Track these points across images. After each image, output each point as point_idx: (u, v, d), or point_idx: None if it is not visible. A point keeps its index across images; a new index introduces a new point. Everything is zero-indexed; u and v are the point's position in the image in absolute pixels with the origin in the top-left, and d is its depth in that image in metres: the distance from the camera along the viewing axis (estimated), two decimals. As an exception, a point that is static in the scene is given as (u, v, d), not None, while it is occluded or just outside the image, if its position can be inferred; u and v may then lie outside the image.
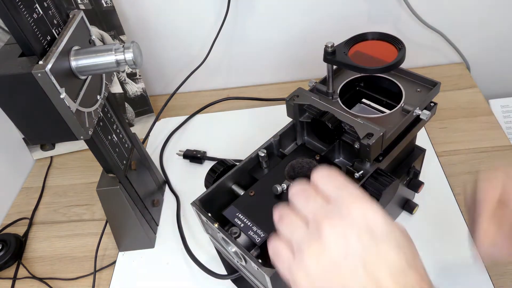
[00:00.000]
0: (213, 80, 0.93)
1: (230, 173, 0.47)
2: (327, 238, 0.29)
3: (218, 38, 0.82)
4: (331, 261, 0.29)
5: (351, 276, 0.28)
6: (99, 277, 0.62)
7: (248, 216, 0.42)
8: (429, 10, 0.80)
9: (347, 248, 0.29)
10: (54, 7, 0.43)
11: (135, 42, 0.45)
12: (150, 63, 0.90)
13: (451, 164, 0.68)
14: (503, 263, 0.55)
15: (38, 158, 0.84)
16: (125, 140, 0.61)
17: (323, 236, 0.29)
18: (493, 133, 0.72)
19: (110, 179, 0.57)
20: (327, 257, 0.29)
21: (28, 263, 0.66)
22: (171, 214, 0.68)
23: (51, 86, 0.39)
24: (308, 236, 0.30)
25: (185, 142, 0.81)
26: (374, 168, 0.45)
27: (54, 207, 0.75)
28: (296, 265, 0.30)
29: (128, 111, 0.84)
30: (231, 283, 0.57)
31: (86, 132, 0.45)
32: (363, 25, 0.84)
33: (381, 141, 0.44)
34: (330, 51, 0.49)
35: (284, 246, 0.32)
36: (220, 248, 0.47)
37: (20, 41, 0.39)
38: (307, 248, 0.30)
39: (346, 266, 0.28)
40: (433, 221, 0.60)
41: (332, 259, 0.29)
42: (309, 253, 0.30)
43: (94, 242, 0.65)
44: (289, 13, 0.83)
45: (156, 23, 0.84)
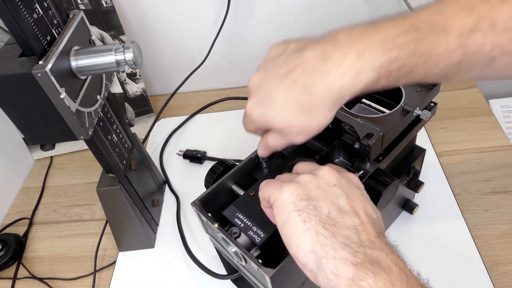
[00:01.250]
0: (213, 80, 0.93)
1: (230, 173, 0.47)
2: (320, 171, 0.35)
3: (218, 38, 0.82)
4: (319, 186, 0.34)
5: (335, 199, 0.33)
6: (99, 277, 0.62)
7: (248, 216, 0.42)
8: (429, 10, 0.80)
9: (337, 180, 0.34)
10: (54, 7, 0.43)
11: (135, 42, 0.45)
12: (150, 63, 0.90)
13: (451, 164, 0.68)
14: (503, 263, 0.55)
15: (38, 158, 0.84)
16: (125, 140, 0.61)
17: (317, 171, 0.35)
18: (493, 133, 0.72)
19: (110, 179, 0.57)
20: (315, 183, 0.34)
21: (28, 263, 0.66)
22: (171, 214, 0.68)
23: (51, 86, 0.39)
24: (306, 168, 0.37)
25: (185, 142, 0.81)
26: (374, 168, 0.45)
27: (54, 207, 0.75)
28: (287, 183, 0.34)
29: (128, 111, 0.84)
30: (231, 283, 0.57)
31: (86, 132, 0.45)
32: (363, 25, 0.84)
33: (381, 141, 0.44)
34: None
35: (275, 181, 0.36)
36: (220, 248, 0.47)
37: (20, 41, 0.39)
38: (301, 173, 0.35)
39: (332, 192, 0.34)
40: (433, 221, 0.60)
41: (320, 185, 0.34)
42: (302, 176, 0.35)
43: (94, 242, 0.65)
44: (289, 13, 0.83)
45: (156, 23, 0.84)
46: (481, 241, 0.57)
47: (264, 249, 0.41)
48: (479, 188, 0.64)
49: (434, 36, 0.31)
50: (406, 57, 0.32)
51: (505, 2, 0.30)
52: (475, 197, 0.63)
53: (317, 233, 0.31)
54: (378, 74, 0.32)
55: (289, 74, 0.35)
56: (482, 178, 0.66)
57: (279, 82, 0.35)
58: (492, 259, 0.55)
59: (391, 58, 0.32)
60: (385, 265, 0.29)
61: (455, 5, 0.31)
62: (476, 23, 0.30)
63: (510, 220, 0.59)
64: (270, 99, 0.36)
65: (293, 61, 0.35)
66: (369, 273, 0.28)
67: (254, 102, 0.37)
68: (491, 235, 0.58)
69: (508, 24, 0.30)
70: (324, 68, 0.33)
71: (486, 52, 0.31)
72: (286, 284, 0.41)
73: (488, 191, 0.64)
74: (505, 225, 0.59)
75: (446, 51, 0.31)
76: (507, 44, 0.30)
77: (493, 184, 0.64)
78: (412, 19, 0.32)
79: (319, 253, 0.30)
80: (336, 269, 0.29)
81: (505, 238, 0.58)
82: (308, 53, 0.34)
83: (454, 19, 0.31)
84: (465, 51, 0.31)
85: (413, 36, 0.32)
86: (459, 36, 0.31)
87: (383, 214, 0.37)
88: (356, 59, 0.32)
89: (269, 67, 0.38)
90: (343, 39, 0.33)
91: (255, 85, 0.38)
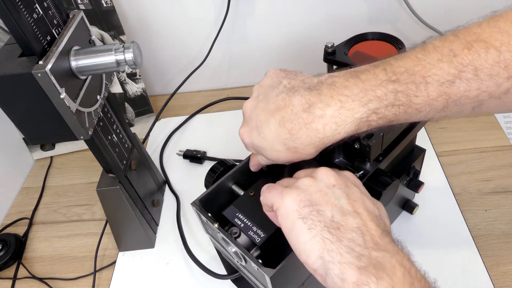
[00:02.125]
0: (213, 80, 0.93)
1: (230, 173, 0.47)
2: (318, 173, 0.36)
3: (218, 38, 0.82)
4: (320, 189, 0.34)
5: (336, 201, 0.34)
6: (99, 277, 0.62)
7: (248, 216, 0.42)
8: (429, 10, 0.80)
9: (336, 181, 0.35)
10: (54, 7, 0.43)
11: (135, 42, 0.45)
12: (150, 63, 0.90)
13: (451, 164, 0.68)
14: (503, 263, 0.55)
15: (38, 158, 0.84)
16: (125, 140, 0.61)
17: (315, 173, 0.36)
18: (493, 133, 0.72)
19: (110, 179, 0.57)
20: (315, 186, 0.35)
21: (28, 263, 0.66)
22: (171, 214, 0.68)
23: (51, 86, 0.39)
24: (303, 172, 0.38)
25: (185, 142, 0.81)
26: (374, 168, 0.45)
27: (54, 207, 0.75)
28: (288, 190, 0.35)
29: (128, 111, 0.84)
30: (231, 283, 0.57)
31: (86, 132, 0.45)
32: (363, 25, 0.84)
33: (381, 141, 0.44)
34: (330, 51, 0.49)
35: (276, 187, 0.37)
36: (220, 248, 0.47)
37: (20, 41, 0.39)
38: (301, 179, 0.36)
39: (333, 194, 0.34)
40: (433, 221, 0.60)
41: (320, 188, 0.35)
42: (302, 181, 0.35)
43: (94, 242, 0.65)
44: (289, 13, 0.83)
45: (156, 23, 0.84)
46: (481, 241, 0.57)
47: (264, 249, 0.41)
48: (479, 188, 0.64)
49: (413, 86, 0.32)
50: (385, 108, 0.33)
51: (489, 48, 0.30)
52: (475, 197, 0.63)
53: (323, 239, 0.31)
54: (358, 125, 0.34)
55: (276, 113, 0.37)
56: (482, 178, 0.66)
57: (268, 119, 0.37)
58: (492, 259, 0.55)
59: (370, 110, 0.33)
60: (389, 267, 0.29)
61: (438, 52, 0.32)
62: (459, 72, 0.30)
63: (510, 220, 0.59)
64: (259, 133, 0.38)
65: (282, 101, 0.37)
66: (372, 277, 0.28)
67: (245, 129, 0.40)
68: (491, 235, 0.58)
69: (492, 71, 0.30)
70: (308, 118, 0.35)
71: (472, 97, 0.31)
72: (286, 284, 0.41)
73: (488, 191, 0.64)
74: (505, 225, 0.59)
75: (427, 100, 0.32)
76: (494, 89, 0.30)
77: (493, 184, 0.64)
78: (393, 69, 0.33)
79: (326, 259, 0.31)
80: (342, 274, 0.30)
81: (505, 238, 0.58)
82: (296, 99, 0.36)
83: (435, 68, 0.31)
84: (449, 98, 0.31)
85: (391, 87, 0.32)
86: (440, 85, 0.31)
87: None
88: (336, 111, 0.34)
89: (260, 98, 0.40)
90: (326, 90, 0.35)
91: (247, 112, 0.41)
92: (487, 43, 0.30)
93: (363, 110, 0.33)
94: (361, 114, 0.33)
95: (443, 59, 0.31)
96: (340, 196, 0.34)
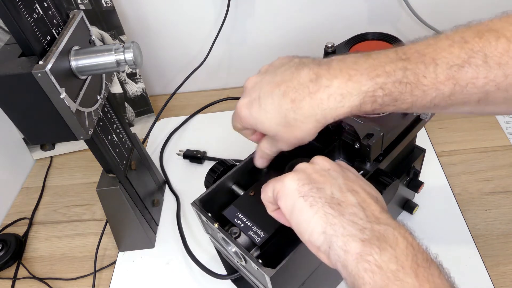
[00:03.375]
0: (213, 80, 0.93)
1: (230, 173, 0.47)
2: (314, 159, 0.37)
3: (218, 38, 0.82)
4: (317, 171, 0.35)
5: (333, 180, 0.34)
6: (99, 277, 0.62)
7: (248, 216, 0.42)
8: (429, 10, 0.80)
9: (330, 165, 0.36)
10: (54, 7, 0.43)
11: (135, 42, 0.45)
12: (150, 63, 0.90)
13: (451, 164, 0.68)
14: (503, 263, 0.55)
15: (38, 158, 0.84)
16: (125, 140, 0.61)
17: (311, 160, 0.37)
18: (493, 133, 0.72)
19: (110, 179, 0.57)
20: (312, 168, 0.35)
21: (28, 263, 0.66)
22: (171, 214, 0.68)
23: (51, 86, 0.39)
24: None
25: (185, 142, 0.81)
26: (374, 168, 0.45)
27: (54, 207, 0.75)
28: (286, 174, 0.35)
29: (128, 111, 0.84)
30: (231, 283, 0.57)
31: (86, 132, 0.45)
32: (363, 25, 0.84)
33: (381, 141, 0.44)
34: (330, 51, 0.49)
35: (275, 178, 0.37)
36: (220, 248, 0.47)
37: (20, 41, 0.39)
38: (298, 165, 0.36)
39: (329, 174, 0.35)
40: (433, 221, 0.60)
41: (317, 170, 0.35)
42: (299, 165, 0.36)
43: (94, 242, 0.65)
44: (289, 13, 0.83)
45: (156, 23, 0.84)
46: (481, 241, 0.57)
47: (264, 249, 0.41)
48: (479, 188, 0.64)
49: (422, 66, 0.32)
50: (392, 84, 0.33)
51: (500, 37, 0.30)
52: (475, 197, 0.63)
53: (325, 214, 0.32)
54: (363, 99, 0.34)
55: (282, 84, 0.36)
56: (482, 178, 0.66)
57: (272, 90, 0.37)
58: (492, 259, 0.55)
59: (377, 84, 0.33)
60: (392, 239, 0.30)
61: (449, 39, 0.32)
62: (469, 57, 0.31)
63: (510, 220, 0.59)
64: (260, 103, 0.37)
65: (290, 73, 0.37)
66: (376, 249, 0.29)
67: (245, 102, 0.39)
68: (491, 235, 0.58)
69: (501, 59, 0.30)
70: (313, 88, 0.35)
71: (480, 86, 0.31)
72: (286, 284, 0.41)
73: (488, 191, 0.64)
74: (505, 225, 0.59)
75: (434, 82, 0.32)
76: (502, 80, 0.31)
77: (493, 184, 0.65)
78: (404, 50, 0.34)
79: (329, 233, 0.31)
80: (345, 245, 0.30)
81: (505, 238, 0.58)
82: (304, 71, 0.36)
83: (445, 52, 0.32)
84: (456, 83, 0.32)
85: (401, 65, 0.33)
86: (449, 68, 0.31)
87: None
88: (343, 83, 0.34)
89: (268, 73, 0.39)
90: (336, 64, 0.35)
91: (250, 85, 0.40)
92: (498, 33, 0.31)
93: (370, 84, 0.33)
94: (368, 87, 0.33)
95: (454, 44, 0.32)
96: (336, 177, 0.35)
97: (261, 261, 0.38)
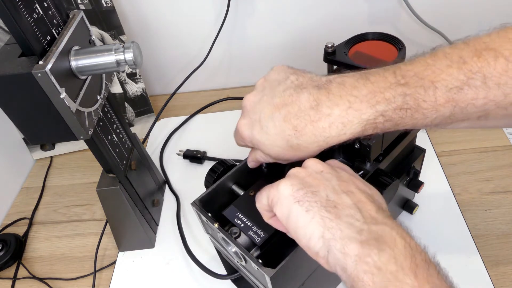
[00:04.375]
0: (213, 80, 0.93)
1: (230, 173, 0.47)
2: (305, 162, 0.37)
3: (218, 38, 0.82)
4: (309, 174, 0.35)
5: (327, 182, 0.34)
6: (99, 277, 0.62)
7: (248, 216, 0.42)
8: (429, 10, 0.80)
9: (323, 167, 0.36)
10: (54, 7, 0.43)
11: (135, 42, 0.45)
12: (150, 63, 0.90)
13: (451, 164, 0.68)
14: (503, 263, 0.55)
15: (38, 158, 0.84)
16: (125, 140, 0.61)
17: (303, 164, 0.37)
18: (493, 133, 0.72)
19: (110, 179, 0.57)
20: (304, 172, 0.35)
21: (28, 263, 0.66)
22: (171, 214, 0.68)
23: (51, 86, 0.39)
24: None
25: (185, 142, 0.81)
26: (374, 168, 0.45)
27: (54, 207, 0.75)
28: (280, 181, 0.35)
29: (128, 111, 0.84)
30: (231, 283, 0.57)
31: (86, 132, 0.45)
32: (363, 25, 0.84)
33: (381, 141, 0.44)
34: (330, 51, 0.49)
35: (268, 185, 0.36)
36: (220, 248, 0.47)
37: (20, 41, 0.39)
38: (290, 170, 0.36)
39: (322, 176, 0.35)
40: (433, 221, 0.60)
41: (310, 173, 0.35)
42: (291, 170, 0.36)
43: (94, 242, 0.65)
44: (289, 13, 0.83)
45: (156, 23, 0.84)
46: (481, 241, 0.57)
47: (264, 249, 0.41)
48: (479, 188, 0.64)
49: (421, 91, 0.32)
50: (393, 111, 0.33)
51: (498, 57, 0.30)
52: (475, 197, 0.63)
53: (322, 218, 0.31)
54: (364, 126, 0.34)
55: (282, 108, 0.36)
56: (482, 178, 0.66)
57: (272, 113, 0.37)
58: (492, 259, 0.55)
59: (377, 111, 0.33)
60: (390, 239, 0.29)
61: (447, 59, 0.32)
62: (468, 78, 0.31)
63: (510, 220, 0.59)
64: (261, 127, 0.38)
65: (289, 96, 0.37)
66: (374, 250, 0.29)
67: (246, 123, 0.39)
68: (491, 235, 0.58)
69: (500, 80, 0.30)
70: (315, 116, 0.35)
71: (479, 106, 0.31)
72: (286, 284, 0.41)
73: (488, 191, 0.64)
74: (505, 225, 0.59)
75: (434, 105, 0.32)
76: (501, 99, 0.31)
77: (493, 184, 0.64)
78: (402, 72, 0.33)
79: (327, 237, 0.31)
80: (343, 248, 0.30)
81: (505, 238, 0.58)
82: (303, 96, 0.36)
83: (444, 74, 0.31)
84: (456, 105, 0.32)
85: (400, 90, 0.33)
86: (448, 91, 0.31)
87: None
88: (343, 111, 0.34)
89: (266, 92, 0.39)
90: (335, 89, 0.35)
91: (249, 105, 0.40)
92: (496, 52, 0.30)
93: (371, 112, 0.33)
94: (369, 115, 0.33)
95: (452, 65, 0.31)
96: (330, 179, 0.34)
97: (261, 261, 0.38)
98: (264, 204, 0.36)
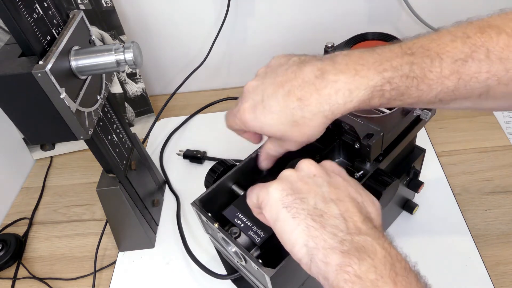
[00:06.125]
0: (213, 80, 0.93)
1: (230, 173, 0.47)
2: (299, 165, 0.36)
3: (218, 38, 0.82)
4: (301, 178, 0.35)
5: (317, 189, 0.34)
6: (99, 277, 0.62)
7: (248, 216, 0.42)
8: (429, 10, 0.80)
9: (316, 170, 0.35)
10: (54, 7, 0.43)
11: (135, 42, 0.45)
12: (150, 63, 0.90)
13: (451, 164, 0.68)
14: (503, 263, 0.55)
15: (38, 158, 0.84)
16: (125, 140, 0.61)
17: (296, 165, 0.36)
18: (493, 133, 0.72)
19: (110, 179, 0.57)
20: (296, 175, 0.35)
21: (28, 263, 0.66)
22: (171, 214, 0.68)
23: (51, 86, 0.39)
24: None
25: (185, 142, 0.81)
26: (374, 168, 0.45)
27: (54, 207, 0.75)
28: (271, 182, 0.35)
29: (128, 111, 0.84)
30: (231, 283, 0.57)
31: (86, 132, 0.45)
32: (363, 25, 0.84)
33: (381, 141, 0.44)
34: (330, 51, 0.49)
35: (260, 184, 0.36)
36: (220, 248, 0.47)
37: (20, 41, 0.39)
38: (283, 171, 0.36)
39: (314, 182, 0.34)
40: (433, 221, 0.60)
41: (301, 177, 0.35)
42: (283, 172, 0.36)
43: (94, 242, 0.65)
44: (289, 13, 0.83)
45: (156, 23, 0.84)
46: (481, 241, 0.57)
47: (264, 249, 0.41)
48: (479, 188, 0.64)
49: (428, 61, 0.32)
50: (399, 78, 0.33)
51: (501, 33, 0.31)
52: (475, 197, 0.63)
53: (307, 227, 0.32)
54: (371, 93, 0.34)
55: (286, 84, 0.36)
56: (482, 178, 0.66)
57: (276, 91, 0.36)
58: (492, 259, 0.55)
59: (384, 78, 0.33)
60: (371, 249, 0.30)
61: (451, 34, 0.33)
62: (472, 51, 0.32)
63: (510, 220, 0.60)
64: (264, 106, 0.37)
65: (293, 72, 0.36)
66: (354, 259, 0.29)
67: (247, 106, 0.38)
68: (491, 235, 0.58)
69: (502, 54, 0.31)
70: (320, 84, 0.34)
71: (482, 80, 0.32)
72: (286, 284, 0.41)
73: (488, 191, 0.64)
74: (505, 225, 0.59)
75: (440, 76, 0.32)
76: (503, 74, 0.31)
77: (493, 184, 0.65)
78: (408, 45, 0.34)
79: (310, 245, 0.31)
80: (325, 258, 0.30)
81: (505, 238, 0.58)
82: (307, 68, 0.35)
83: (449, 47, 0.32)
84: (460, 77, 0.32)
85: (407, 59, 0.33)
86: (454, 63, 0.32)
87: (383, 214, 0.37)
88: (350, 77, 0.33)
89: (268, 75, 0.38)
90: (341, 59, 0.35)
91: (251, 89, 0.39)
92: (499, 28, 0.32)
93: (378, 78, 0.33)
94: (376, 82, 0.33)
95: (457, 40, 0.32)
96: (321, 184, 0.34)
97: (261, 261, 0.38)
98: (254, 202, 0.36)
